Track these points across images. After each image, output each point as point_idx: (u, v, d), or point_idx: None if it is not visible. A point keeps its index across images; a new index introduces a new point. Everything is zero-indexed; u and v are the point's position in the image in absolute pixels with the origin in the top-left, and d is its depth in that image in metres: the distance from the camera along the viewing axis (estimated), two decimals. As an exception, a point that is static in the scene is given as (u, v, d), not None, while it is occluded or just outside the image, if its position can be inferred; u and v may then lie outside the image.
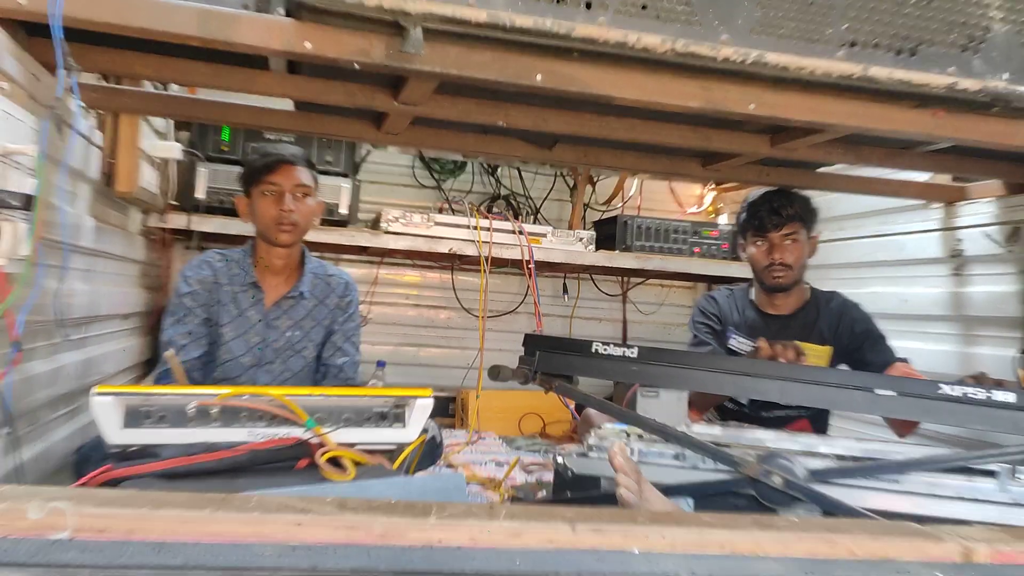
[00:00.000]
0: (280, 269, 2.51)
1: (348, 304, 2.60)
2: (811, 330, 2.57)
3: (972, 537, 1.04)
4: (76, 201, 2.30)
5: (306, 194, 2.46)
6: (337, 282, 2.59)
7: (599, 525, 0.97)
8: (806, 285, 2.67)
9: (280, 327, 2.49)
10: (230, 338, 2.46)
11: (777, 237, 2.49)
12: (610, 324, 4.76)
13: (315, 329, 2.54)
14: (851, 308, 2.61)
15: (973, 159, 2.55)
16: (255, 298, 2.49)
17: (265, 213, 2.41)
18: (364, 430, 1.65)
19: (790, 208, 2.48)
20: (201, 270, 2.47)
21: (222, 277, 2.47)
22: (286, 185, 2.42)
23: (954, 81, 1.64)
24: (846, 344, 2.53)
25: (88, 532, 0.87)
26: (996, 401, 1.72)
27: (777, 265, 2.50)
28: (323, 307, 2.55)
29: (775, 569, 0.95)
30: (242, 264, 2.50)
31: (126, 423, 1.50)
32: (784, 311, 2.62)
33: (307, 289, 2.52)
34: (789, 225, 2.49)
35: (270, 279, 2.51)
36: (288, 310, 2.50)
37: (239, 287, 2.48)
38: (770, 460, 1.74)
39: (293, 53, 1.54)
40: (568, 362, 2.05)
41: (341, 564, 0.88)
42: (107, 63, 1.97)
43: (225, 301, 2.47)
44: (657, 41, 1.52)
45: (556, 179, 4.62)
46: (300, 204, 2.43)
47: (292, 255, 2.52)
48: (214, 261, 2.50)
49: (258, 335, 2.48)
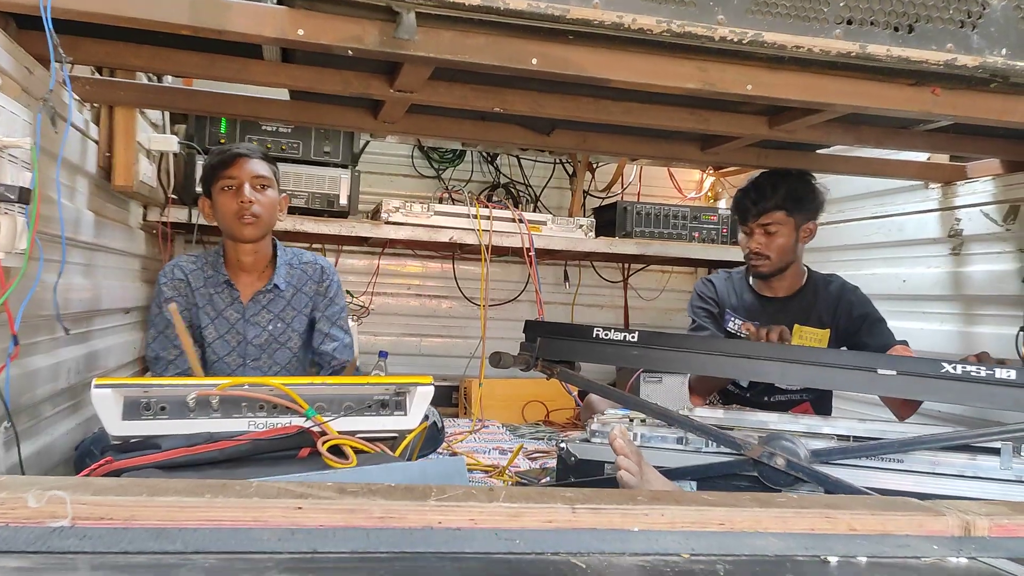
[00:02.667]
0: (251, 265, 2.50)
1: (327, 288, 2.58)
2: (809, 312, 2.57)
3: (972, 511, 1.04)
4: (74, 195, 2.29)
5: (265, 185, 2.44)
6: (313, 269, 2.57)
7: (598, 505, 0.97)
8: (804, 268, 2.66)
9: (260, 323, 2.49)
10: (212, 339, 2.47)
11: (755, 227, 2.49)
12: (611, 310, 4.75)
13: (296, 319, 2.53)
14: (849, 291, 2.60)
15: (971, 138, 2.54)
16: (231, 297, 2.48)
17: (226, 208, 2.40)
18: (365, 418, 1.65)
19: (767, 200, 2.47)
20: (174, 275, 2.47)
21: (196, 280, 2.47)
22: (243, 177, 2.40)
23: (952, 57, 1.63)
24: (844, 327, 2.53)
25: (88, 519, 0.87)
26: (998, 379, 1.71)
27: (754, 254, 2.50)
28: (301, 295, 2.54)
29: (775, 545, 0.95)
30: (214, 264, 2.49)
31: (125, 415, 1.51)
32: (780, 293, 2.62)
33: (282, 281, 2.51)
34: (766, 215, 2.48)
35: (243, 276, 2.50)
36: (267, 304, 2.50)
37: (214, 288, 2.48)
38: (772, 441, 1.74)
39: (286, 40, 1.54)
40: (569, 348, 2.05)
41: (341, 547, 0.88)
42: (99, 55, 1.97)
43: (202, 304, 2.47)
44: (652, 22, 1.51)
45: (555, 166, 4.61)
46: (260, 195, 2.42)
47: (261, 249, 2.50)
48: (185, 265, 2.50)
49: (239, 333, 2.48)
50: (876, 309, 2.58)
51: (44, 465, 2.06)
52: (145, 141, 2.82)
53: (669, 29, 1.52)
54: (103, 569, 0.81)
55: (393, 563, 0.86)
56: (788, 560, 0.94)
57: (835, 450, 1.75)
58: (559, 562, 0.88)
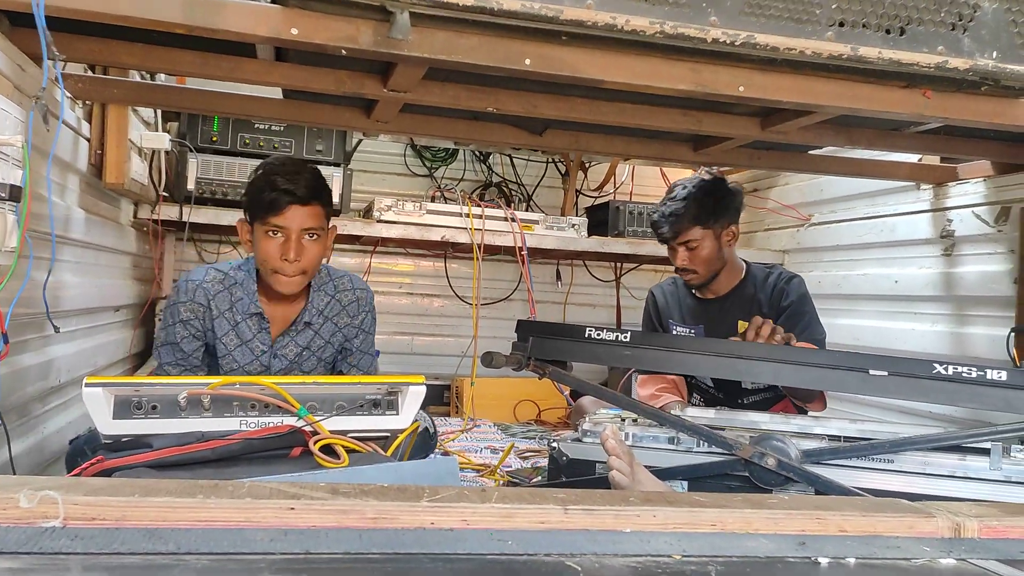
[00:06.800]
0: (286, 298, 2.22)
1: (362, 322, 2.35)
2: (750, 306, 2.55)
3: (962, 513, 1.05)
4: (66, 193, 2.29)
5: (316, 236, 2.11)
6: (348, 300, 2.31)
7: (591, 506, 0.97)
8: (742, 262, 2.65)
9: (287, 355, 2.27)
10: (230, 368, 2.22)
11: (676, 245, 2.51)
12: (604, 310, 4.76)
13: (323, 348, 2.31)
14: (784, 280, 2.56)
15: (962, 139, 2.56)
16: (260, 327, 2.22)
17: (267, 256, 2.09)
18: (357, 418, 1.65)
19: (680, 220, 2.47)
20: (194, 299, 2.18)
21: (220, 304, 2.19)
22: (294, 229, 2.07)
23: (943, 60, 1.63)
24: (776, 316, 2.49)
25: (79, 520, 0.87)
26: (988, 380, 1.72)
27: (680, 270, 2.54)
28: (331, 324, 2.30)
29: (766, 546, 0.96)
30: (246, 289, 2.20)
31: (116, 413, 1.50)
32: (720, 293, 2.61)
33: (316, 316, 2.27)
34: (683, 235, 2.49)
35: (276, 308, 2.23)
36: (295, 336, 2.26)
37: (241, 316, 2.20)
38: (764, 442, 1.74)
39: (280, 40, 1.53)
40: (561, 348, 2.05)
41: (333, 548, 0.88)
42: (92, 52, 1.96)
43: (222, 332, 2.20)
44: (645, 23, 1.51)
45: (548, 166, 4.62)
46: (308, 248, 2.10)
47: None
48: (211, 285, 2.19)
49: (262, 365, 2.25)
50: (808, 302, 2.53)
51: (35, 463, 2.06)
52: (137, 139, 2.82)
53: (662, 30, 1.52)
54: (95, 570, 0.80)
55: (386, 564, 0.86)
56: (779, 561, 0.94)
57: (826, 450, 1.76)
58: (551, 563, 0.88)
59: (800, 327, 2.44)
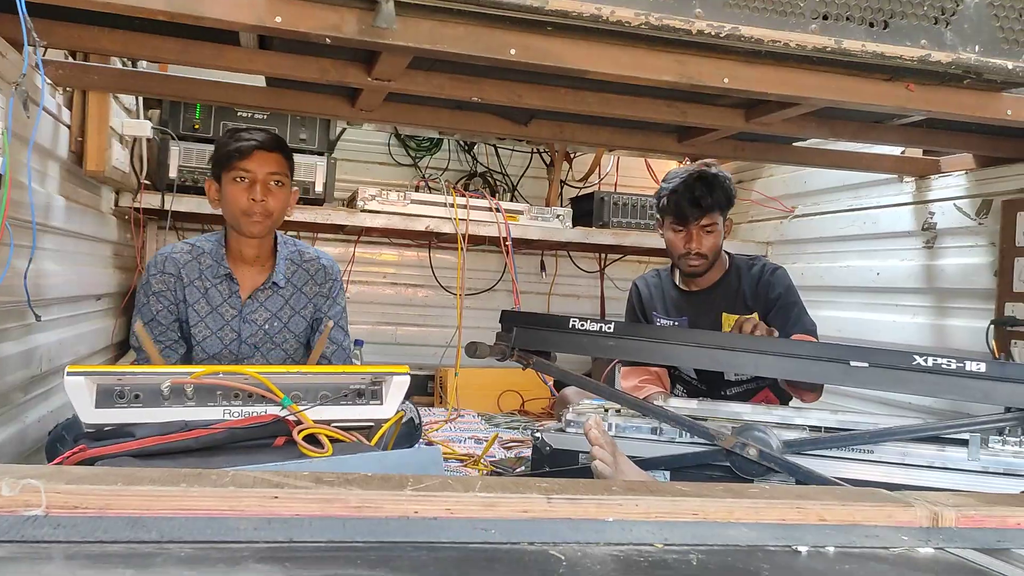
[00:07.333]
0: (253, 259, 2.36)
1: (329, 290, 2.45)
2: (734, 299, 2.56)
3: (940, 502, 1.06)
4: (46, 180, 2.26)
5: (281, 182, 2.28)
6: (315, 267, 2.44)
7: (574, 495, 0.98)
8: (725, 254, 2.66)
9: (257, 320, 2.36)
10: (203, 337, 2.33)
11: (695, 228, 2.48)
12: (588, 301, 4.77)
13: (294, 319, 2.40)
14: (769, 272, 2.57)
15: (944, 132, 2.58)
16: (230, 291, 2.33)
17: (235, 202, 2.24)
18: (341, 407, 1.65)
19: (710, 198, 2.44)
20: (164, 269, 2.30)
21: (190, 273, 2.31)
22: (259, 173, 2.23)
23: (926, 53, 1.64)
24: (763, 308, 2.51)
25: (62, 508, 0.86)
26: (968, 371, 1.74)
27: (693, 255, 2.51)
28: (301, 295, 2.41)
29: (747, 535, 0.97)
30: (215, 255, 2.33)
31: (99, 403, 1.49)
32: (704, 285, 2.61)
33: (282, 278, 2.38)
34: (708, 216, 2.46)
35: (244, 269, 2.35)
36: (264, 301, 2.36)
37: (211, 281, 2.32)
38: (745, 432, 1.76)
39: (263, 28, 1.52)
40: (545, 338, 2.06)
41: (317, 536, 0.88)
42: (73, 39, 1.94)
43: (193, 299, 2.31)
44: (631, 14, 1.51)
45: (533, 156, 4.61)
46: (274, 193, 2.26)
47: (265, 243, 2.37)
48: (180, 256, 2.33)
49: (233, 331, 2.34)
50: (795, 292, 2.55)
51: (16, 452, 2.04)
52: (118, 126, 2.79)
53: (647, 21, 1.53)
54: (78, 558, 0.80)
55: (369, 552, 0.86)
56: (760, 550, 0.95)
57: (807, 441, 1.77)
58: (535, 552, 0.89)
59: (792, 318, 2.46)
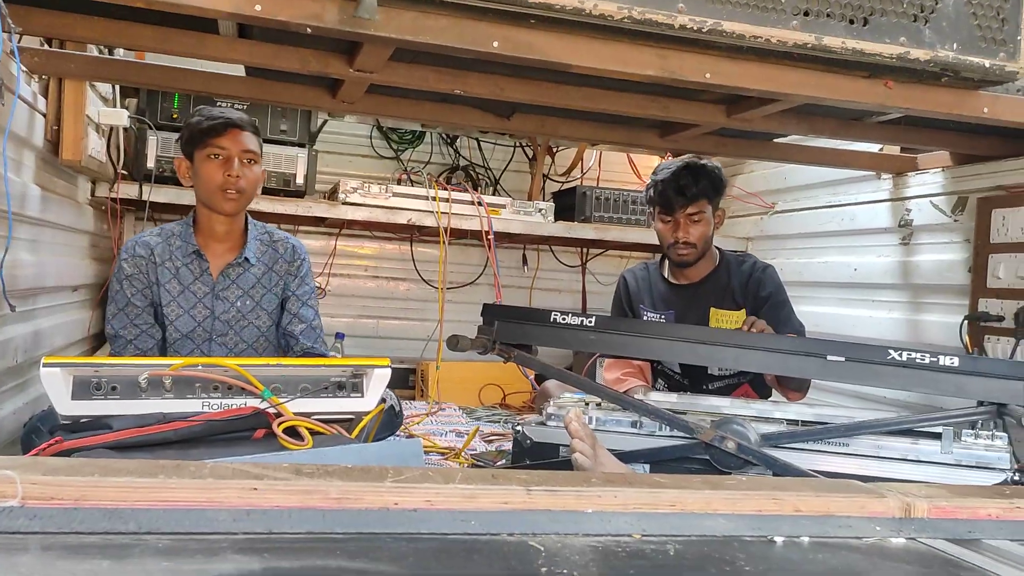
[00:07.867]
0: (224, 236, 2.40)
1: (298, 268, 2.50)
2: (723, 295, 2.58)
3: (912, 493, 1.08)
4: (21, 169, 2.24)
5: (252, 160, 2.34)
6: (284, 247, 2.49)
7: (553, 487, 0.98)
8: (716, 250, 2.68)
9: (229, 297, 2.39)
10: (175, 317, 2.36)
11: (682, 216, 2.49)
12: (569, 295, 4.78)
13: (266, 297, 2.44)
14: (759, 270, 2.59)
15: (922, 130, 2.60)
16: (201, 269, 2.38)
17: (210, 179, 2.29)
18: (322, 400, 1.64)
19: (695, 187, 2.46)
20: (135, 252, 2.35)
21: (161, 255, 2.36)
22: (233, 150, 2.29)
23: (905, 51, 1.66)
24: (752, 306, 2.53)
25: (37, 499, 0.86)
26: (941, 366, 1.77)
27: (681, 244, 2.52)
28: (272, 274, 2.46)
29: (724, 526, 0.98)
30: (183, 235, 2.38)
31: (75, 394, 1.48)
32: (694, 279, 2.63)
33: (253, 255, 2.42)
34: (694, 204, 2.47)
35: (214, 246, 2.40)
36: (236, 279, 2.40)
37: (181, 260, 2.36)
38: (724, 425, 1.77)
39: (243, 16, 1.50)
40: (527, 332, 2.06)
41: (297, 528, 0.88)
42: (49, 26, 1.92)
43: (165, 280, 2.35)
44: (613, 8, 1.52)
45: (515, 150, 4.61)
46: (247, 170, 2.32)
47: (236, 221, 2.41)
48: (149, 240, 2.38)
49: (206, 308, 2.38)
50: (783, 291, 2.57)
51: (-10, 445, 2.02)
52: (95, 115, 2.76)
53: (630, 15, 1.53)
54: (54, 549, 0.80)
55: (349, 544, 0.86)
56: (736, 540, 0.96)
57: (784, 434, 1.79)
58: (514, 543, 0.89)
59: (782, 318, 2.49)
